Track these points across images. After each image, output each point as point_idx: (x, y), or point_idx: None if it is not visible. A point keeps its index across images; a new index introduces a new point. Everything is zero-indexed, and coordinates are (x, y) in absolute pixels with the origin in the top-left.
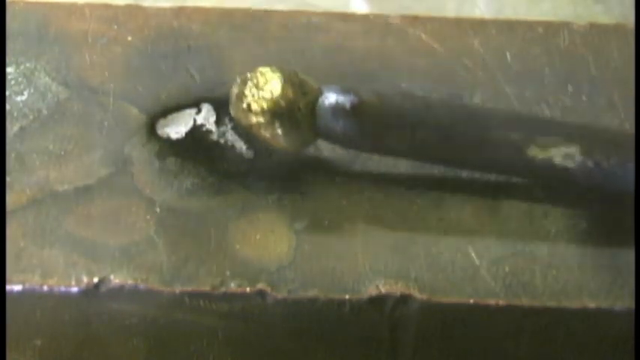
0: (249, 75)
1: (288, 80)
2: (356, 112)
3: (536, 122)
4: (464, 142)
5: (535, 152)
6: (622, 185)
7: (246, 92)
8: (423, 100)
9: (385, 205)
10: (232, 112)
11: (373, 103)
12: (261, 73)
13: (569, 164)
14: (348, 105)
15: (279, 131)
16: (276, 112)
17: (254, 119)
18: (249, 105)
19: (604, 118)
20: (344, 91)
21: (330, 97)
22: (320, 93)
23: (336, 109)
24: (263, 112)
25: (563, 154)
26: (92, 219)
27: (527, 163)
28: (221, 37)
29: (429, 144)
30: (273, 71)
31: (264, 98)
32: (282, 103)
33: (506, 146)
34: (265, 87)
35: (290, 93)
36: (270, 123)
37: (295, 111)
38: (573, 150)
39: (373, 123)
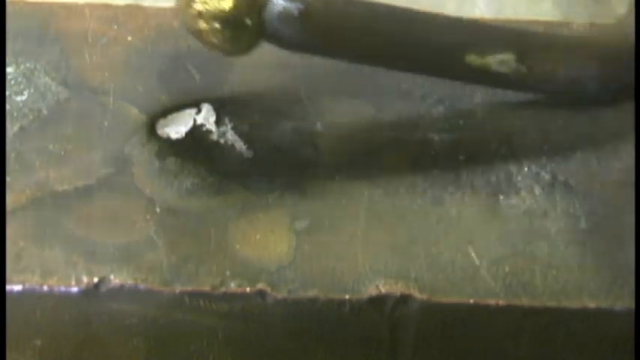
0: None
1: None
2: (303, 18)
3: (475, 28)
4: (405, 46)
5: (472, 58)
6: (552, 90)
7: None
8: (367, 6)
9: (385, 205)
10: (180, 17)
11: (319, 9)
12: None
13: (504, 70)
14: (295, 11)
15: (228, 36)
16: (225, 18)
17: (203, 25)
18: (199, 12)
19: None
20: None
21: (278, 3)
22: None
23: (284, 14)
24: (212, 17)
25: (498, 61)
26: (92, 219)
27: (465, 69)
28: None
29: (373, 48)
30: None
31: (212, 3)
32: (231, 7)
33: (445, 52)
34: None
35: None
36: (218, 29)
37: (243, 16)
38: (508, 56)
39: (319, 28)
